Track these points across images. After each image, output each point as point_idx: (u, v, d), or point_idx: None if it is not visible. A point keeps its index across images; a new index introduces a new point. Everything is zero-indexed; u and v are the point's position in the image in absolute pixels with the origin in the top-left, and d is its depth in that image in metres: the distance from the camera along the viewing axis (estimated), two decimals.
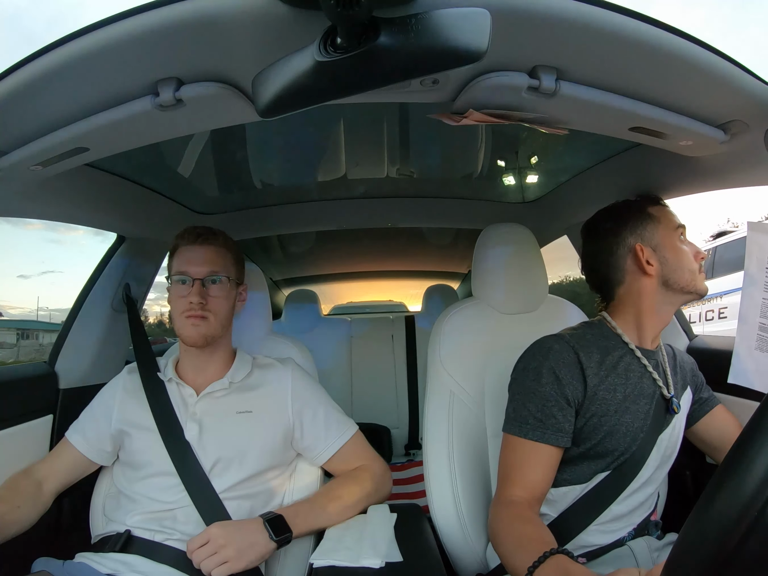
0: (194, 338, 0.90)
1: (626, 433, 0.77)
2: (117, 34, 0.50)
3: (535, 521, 0.71)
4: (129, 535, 0.82)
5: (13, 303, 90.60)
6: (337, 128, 1.07)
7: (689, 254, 0.84)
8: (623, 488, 0.78)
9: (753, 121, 0.69)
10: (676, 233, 0.85)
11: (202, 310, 0.90)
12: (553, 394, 0.77)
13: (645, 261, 0.83)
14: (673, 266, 0.83)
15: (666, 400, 0.82)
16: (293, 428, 0.94)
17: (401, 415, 2.15)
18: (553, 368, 0.78)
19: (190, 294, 0.90)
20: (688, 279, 0.83)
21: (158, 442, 0.87)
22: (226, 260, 0.96)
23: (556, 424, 0.76)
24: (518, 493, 0.75)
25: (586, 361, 0.79)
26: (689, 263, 0.84)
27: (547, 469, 0.77)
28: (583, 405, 0.78)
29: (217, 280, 0.93)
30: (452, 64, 0.43)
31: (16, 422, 1.00)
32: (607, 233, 0.88)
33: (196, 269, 0.91)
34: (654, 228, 0.85)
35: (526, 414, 0.78)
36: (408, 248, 2.32)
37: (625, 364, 0.82)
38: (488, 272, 1.08)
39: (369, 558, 0.73)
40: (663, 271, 0.84)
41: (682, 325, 1.23)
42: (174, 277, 0.93)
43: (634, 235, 0.86)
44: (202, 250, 0.93)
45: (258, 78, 0.48)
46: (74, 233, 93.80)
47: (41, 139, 0.66)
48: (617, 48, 0.54)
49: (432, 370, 1.04)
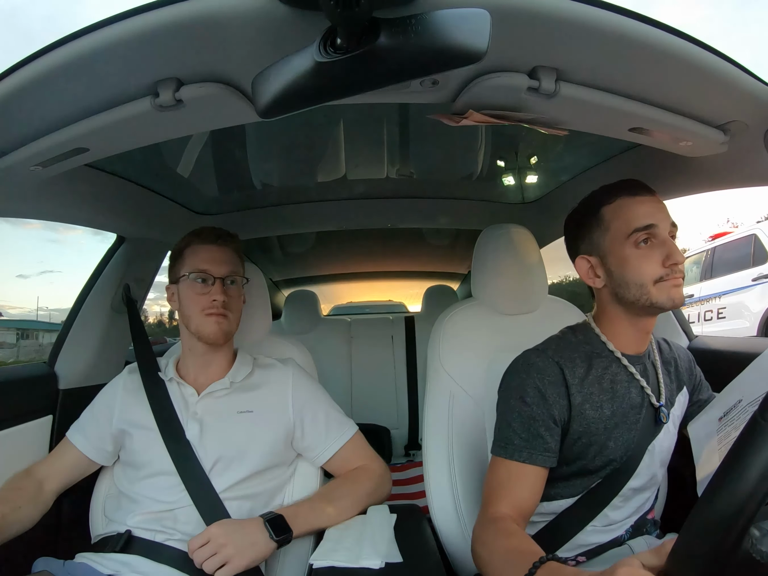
0: (217, 335, 0.91)
1: (616, 448, 0.75)
2: (117, 34, 0.50)
3: (520, 534, 0.67)
4: (129, 535, 0.82)
5: (13, 303, 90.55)
6: (337, 129, 1.07)
7: (642, 265, 0.72)
8: (612, 497, 0.76)
9: (753, 121, 0.69)
10: (628, 240, 0.73)
11: (224, 308, 0.92)
12: (540, 414, 0.74)
13: (592, 273, 0.78)
14: (618, 280, 0.75)
15: (655, 408, 0.78)
16: (294, 428, 0.94)
17: (401, 416, 2.15)
18: (538, 386, 0.74)
19: (213, 292, 0.91)
20: (635, 294, 0.73)
21: (158, 442, 0.88)
22: (239, 262, 0.99)
23: (544, 444, 0.73)
24: (503, 510, 0.71)
25: (571, 378, 0.75)
26: (636, 276, 0.73)
27: (535, 488, 0.73)
28: (570, 423, 0.75)
29: (235, 281, 0.96)
30: (452, 64, 0.43)
31: (15, 423, 1.00)
32: (569, 235, 0.84)
33: (218, 268, 0.93)
34: (601, 234, 0.76)
35: (512, 434, 0.74)
36: (408, 249, 2.32)
37: (611, 376, 0.78)
38: (488, 273, 1.08)
39: (369, 558, 0.73)
40: (610, 284, 0.76)
41: (682, 325, 1.23)
42: (192, 274, 0.93)
43: (584, 242, 0.79)
44: (221, 250, 0.95)
45: (258, 78, 0.48)
46: (73, 233, 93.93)
47: (41, 140, 0.66)
48: (617, 49, 0.54)
49: (432, 371, 1.03)
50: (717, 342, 1.17)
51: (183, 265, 0.95)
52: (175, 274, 0.96)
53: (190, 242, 0.96)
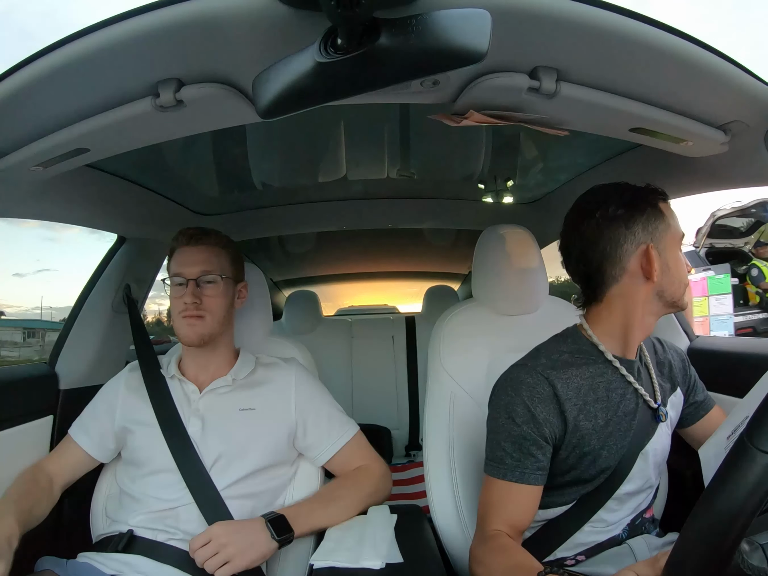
0: (191, 338, 0.91)
1: (609, 457, 0.75)
2: (117, 35, 0.50)
3: (515, 549, 0.68)
4: (131, 534, 0.82)
5: (10, 302, 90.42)
6: (337, 129, 1.07)
7: (684, 267, 0.77)
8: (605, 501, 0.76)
9: (753, 121, 0.69)
10: (680, 240, 0.78)
11: (197, 309, 0.91)
12: (530, 433, 0.72)
13: (653, 264, 0.74)
14: (673, 277, 0.75)
15: (652, 409, 0.78)
16: (296, 427, 0.94)
17: (402, 416, 2.15)
18: (527, 405, 0.73)
19: (185, 294, 0.91)
20: (681, 293, 0.76)
21: (159, 439, 0.88)
22: (221, 259, 0.96)
23: (536, 463, 0.72)
24: (499, 527, 0.71)
25: (563, 392, 0.74)
26: (685, 276, 0.77)
27: (529, 505, 0.74)
28: (564, 439, 0.74)
29: (212, 280, 0.94)
30: (452, 65, 0.43)
31: (16, 423, 1.00)
32: (616, 220, 0.75)
33: (189, 270, 0.93)
34: (665, 230, 0.75)
35: (503, 454, 0.74)
36: (408, 249, 2.32)
37: (606, 383, 0.76)
38: (488, 273, 1.08)
39: (369, 559, 0.73)
40: (662, 279, 0.75)
41: (682, 325, 1.22)
42: (171, 278, 0.95)
43: (647, 231, 0.74)
44: (194, 250, 0.95)
45: (258, 79, 0.48)
46: (70, 231, 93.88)
47: (42, 140, 0.66)
48: (617, 49, 0.54)
49: (432, 372, 1.03)
50: (717, 342, 1.17)
51: (168, 268, 0.97)
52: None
53: (173, 246, 0.98)
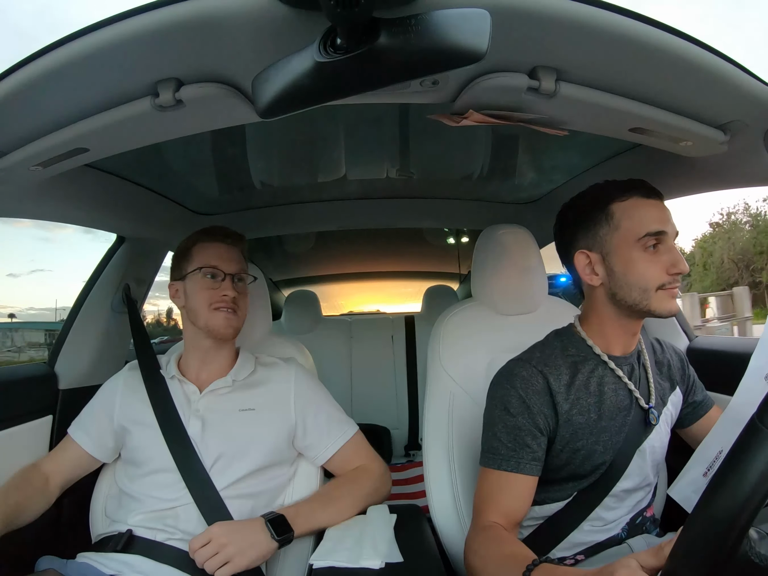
0: (226, 329, 0.93)
1: (605, 452, 0.75)
2: (117, 34, 0.50)
3: (511, 540, 0.68)
4: (131, 534, 0.82)
5: (4, 303, 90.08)
6: (336, 129, 1.07)
7: (648, 269, 0.71)
8: (602, 498, 0.76)
9: (753, 121, 0.69)
10: (638, 243, 0.72)
11: (233, 303, 0.94)
12: (525, 424, 0.74)
13: (589, 269, 0.76)
14: (620, 281, 0.73)
15: (644, 410, 0.78)
16: (296, 427, 0.94)
17: (401, 416, 2.15)
18: (522, 396, 0.75)
19: (224, 288, 0.94)
20: (636, 298, 0.72)
21: (159, 439, 0.88)
22: (245, 262, 1.02)
23: (531, 453, 0.73)
24: (494, 519, 0.71)
25: (556, 386, 0.75)
26: (641, 280, 0.72)
27: (524, 496, 0.74)
28: (557, 431, 0.75)
29: (243, 279, 1.00)
30: (452, 64, 0.43)
31: (15, 423, 1.00)
32: (568, 225, 0.80)
33: (228, 265, 0.96)
34: (609, 232, 0.74)
35: (498, 445, 0.75)
36: (408, 249, 2.32)
37: (598, 379, 0.77)
38: (488, 273, 1.08)
39: (369, 559, 0.73)
40: (609, 283, 0.75)
41: (681, 325, 1.22)
42: (203, 269, 0.95)
43: (586, 237, 0.76)
44: (230, 249, 0.99)
45: (258, 78, 0.48)
46: (64, 231, 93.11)
47: (41, 140, 0.66)
48: (617, 49, 0.54)
49: (432, 371, 1.03)
50: (717, 342, 1.17)
51: (191, 261, 0.96)
52: (182, 271, 0.97)
53: (198, 240, 0.98)
